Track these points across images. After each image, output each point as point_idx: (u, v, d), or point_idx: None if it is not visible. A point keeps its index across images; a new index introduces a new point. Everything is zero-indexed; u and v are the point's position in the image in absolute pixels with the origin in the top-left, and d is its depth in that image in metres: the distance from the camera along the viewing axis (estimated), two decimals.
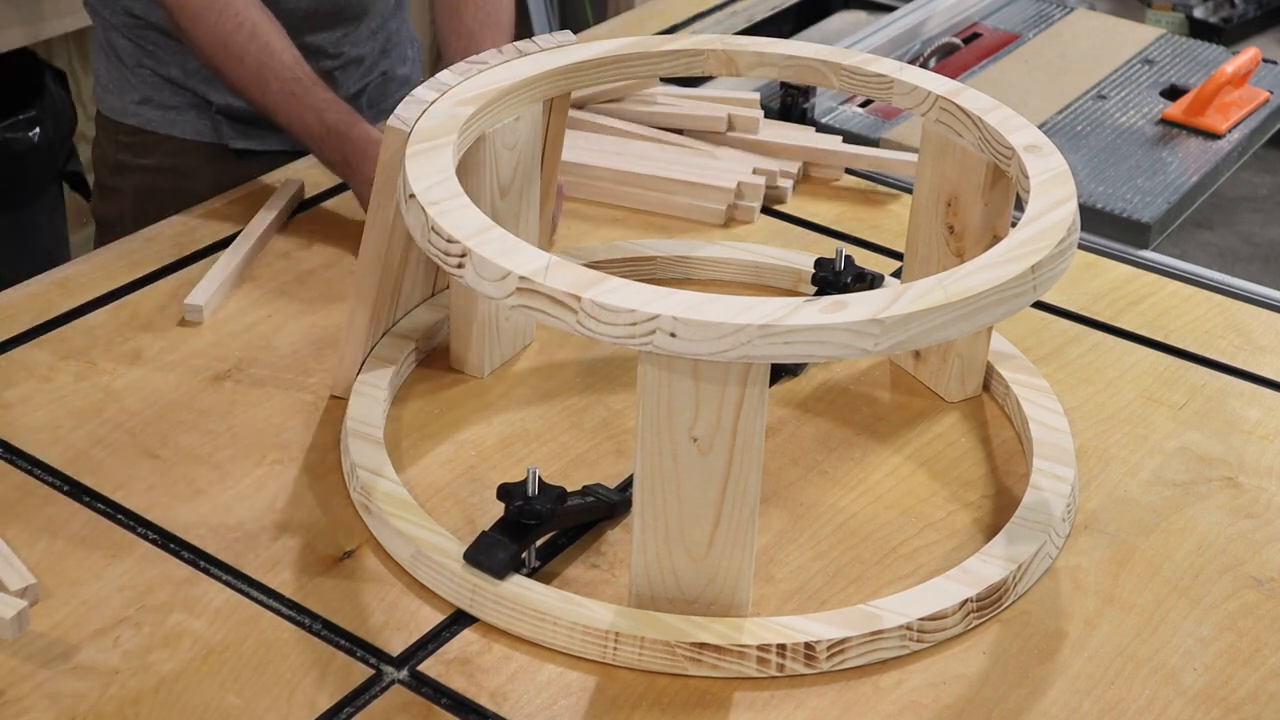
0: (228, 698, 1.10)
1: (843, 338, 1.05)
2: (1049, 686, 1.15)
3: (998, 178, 1.34)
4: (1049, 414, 1.38)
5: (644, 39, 1.45)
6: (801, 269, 1.57)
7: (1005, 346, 1.47)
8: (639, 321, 1.04)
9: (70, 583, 1.19)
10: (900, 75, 1.40)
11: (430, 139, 1.25)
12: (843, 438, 1.40)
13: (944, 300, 1.07)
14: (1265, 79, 2.18)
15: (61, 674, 1.11)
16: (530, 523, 1.19)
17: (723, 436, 1.09)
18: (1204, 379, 1.50)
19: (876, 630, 1.15)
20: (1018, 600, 1.22)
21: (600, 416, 1.41)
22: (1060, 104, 2.09)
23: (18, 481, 1.29)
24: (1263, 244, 3.66)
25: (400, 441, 1.36)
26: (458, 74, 1.35)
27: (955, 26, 2.32)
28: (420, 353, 1.46)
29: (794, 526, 1.29)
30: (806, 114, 2.00)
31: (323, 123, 1.58)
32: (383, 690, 1.12)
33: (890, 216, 1.74)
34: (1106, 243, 1.81)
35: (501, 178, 1.37)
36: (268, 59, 1.60)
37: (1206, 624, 1.21)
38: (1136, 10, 3.81)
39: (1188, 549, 1.28)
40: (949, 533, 1.29)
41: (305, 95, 1.59)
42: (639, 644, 1.14)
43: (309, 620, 1.17)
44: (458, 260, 1.12)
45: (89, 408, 1.37)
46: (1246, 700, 1.14)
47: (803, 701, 1.13)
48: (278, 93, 1.59)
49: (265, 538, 1.25)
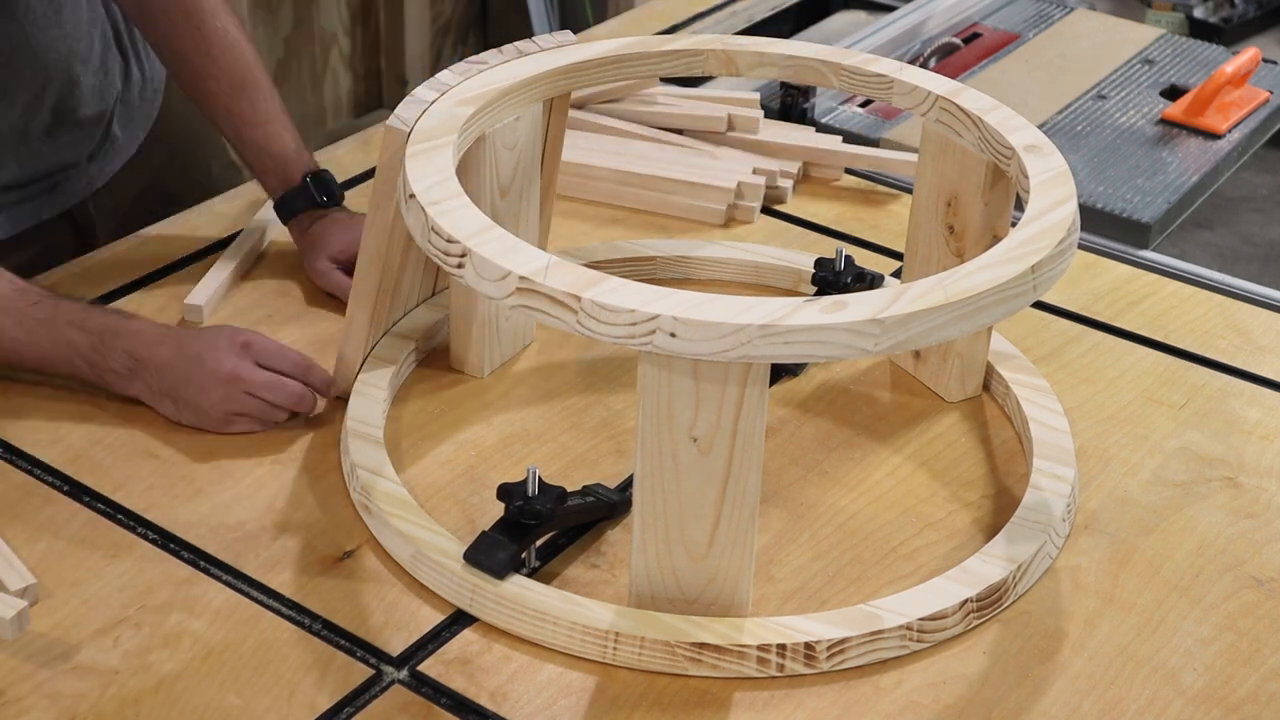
0: (228, 698, 1.10)
1: (843, 338, 1.05)
2: (1049, 686, 1.15)
3: (998, 178, 1.34)
4: (1049, 414, 1.38)
5: (644, 39, 1.45)
6: (801, 269, 1.57)
7: (1005, 346, 1.47)
8: (639, 321, 1.04)
9: (70, 583, 1.19)
10: (900, 75, 1.40)
11: (430, 139, 1.25)
12: (843, 438, 1.40)
13: (944, 300, 1.07)
14: (1265, 79, 2.18)
15: (61, 674, 1.11)
16: (530, 523, 1.19)
17: (723, 436, 1.09)
18: (1204, 379, 1.49)
19: (876, 630, 1.15)
20: (1018, 600, 1.22)
21: (600, 416, 1.41)
22: (1060, 104, 2.08)
23: (18, 481, 1.29)
24: (1263, 244, 3.66)
25: (400, 441, 1.36)
26: (458, 74, 1.35)
27: (955, 26, 2.32)
28: (420, 353, 1.46)
29: (794, 526, 1.29)
30: (806, 114, 2.00)
31: (86, 330, 1.33)
32: (383, 690, 1.12)
33: (890, 216, 1.74)
34: (1106, 243, 1.81)
35: (501, 178, 1.37)
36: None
37: (1206, 624, 1.21)
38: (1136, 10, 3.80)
39: (1188, 549, 1.28)
40: (949, 533, 1.29)
41: (54, 317, 1.33)
42: (639, 644, 1.14)
43: (309, 620, 1.17)
44: (458, 260, 1.12)
45: (89, 408, 1.37)
46: (1246, 700, 1.14)
47: (803, 701, 1.13)
48: (15, 329, 1.33)
49: (265, 538, 1.25)
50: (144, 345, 1.33)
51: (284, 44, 3.52)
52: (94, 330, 1.33)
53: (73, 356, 1.33)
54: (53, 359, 1.34)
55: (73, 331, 1.33)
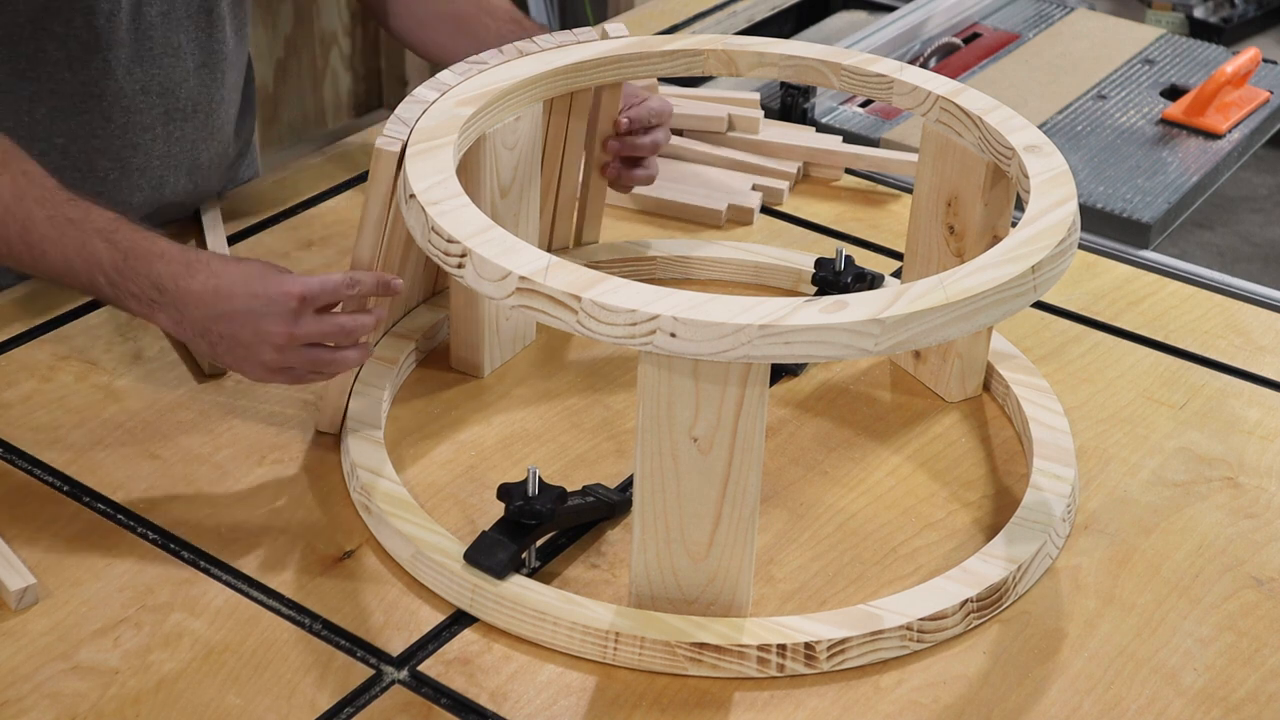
0: (228, 698, 1.10)
1: (843, 338, 1.05)
2: (1049, 686, 1.15)
3: (998, 178, 1.34)
4: (1049, 414, 1.38)
5: (644, 39, 1.45)
6: (801, 269, 1.56)
7: (1005, 346, 1.47)
8: (639, 321, 1.04)
9: (70, 583, 1.19)
10: (900, 75, 1.40)
11: (430, 139, 1.25)
12: (843, 438, 1.40)
13: (944, 300, 1.07)
14: (1265, 79, 2.18)
15: (61, 674, 1.11)
16: (530, 523, 1.19)
17: (723, 436, 1.09)
18: (1204, 379, 1.49)
19: (876, 630, 1.15)
20: (1018, 600, 1.22)
21: (600, 416, 1.41)
22: (1060, 104, 2.08)
23: (18, 481, 1.29)
24: (1263, 244, 3.66)
25: (400, 441, 1.36)
26: (458, 74, 1.35)
27: (955, 26, 2.32)
28: (420, 353, 1.46)
29: (794, 526, 1.29)
30: (806, 114, 2.00)
31: (114, 245, 1.25)
32: (383, 690, 1.12)
33: (890, 216, 1.74)
34: (1106, 243, 1.81)
35: (501, 178, 1.37)
36: (27, 186, 1.27)
37: (1206, 624, 1.21)
38: (1136, 10, 3.81)
39: (1188, 549, 1.28)
40: (949, 533, 1.29)
41: (85, 220, 1.26)
42: (639, 644, 1.14)
43: (309, 620, 1.17)
44: (458, 260, 1.12)
45: (89, 408, 1.37)
46: (1246, 700, 1.14)
47: (803, 701, 1.13)
48: (45, 223, 1.26)
49: (265, 538, 1.25)
50: (172, 276, 1.23)
51: (284, 44, 3.52)
52: (121, 246, 1.24)
53: (94, 270, 1.25)
54: (75, 266, 1.26)
55: (99, 242, 1.24)
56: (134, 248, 1.24)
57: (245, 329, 1.23)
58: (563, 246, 1.57)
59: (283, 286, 1.22)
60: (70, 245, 1.25)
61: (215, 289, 1.23)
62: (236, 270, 1.24)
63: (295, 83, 3.58)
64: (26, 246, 1.27)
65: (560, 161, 1.50)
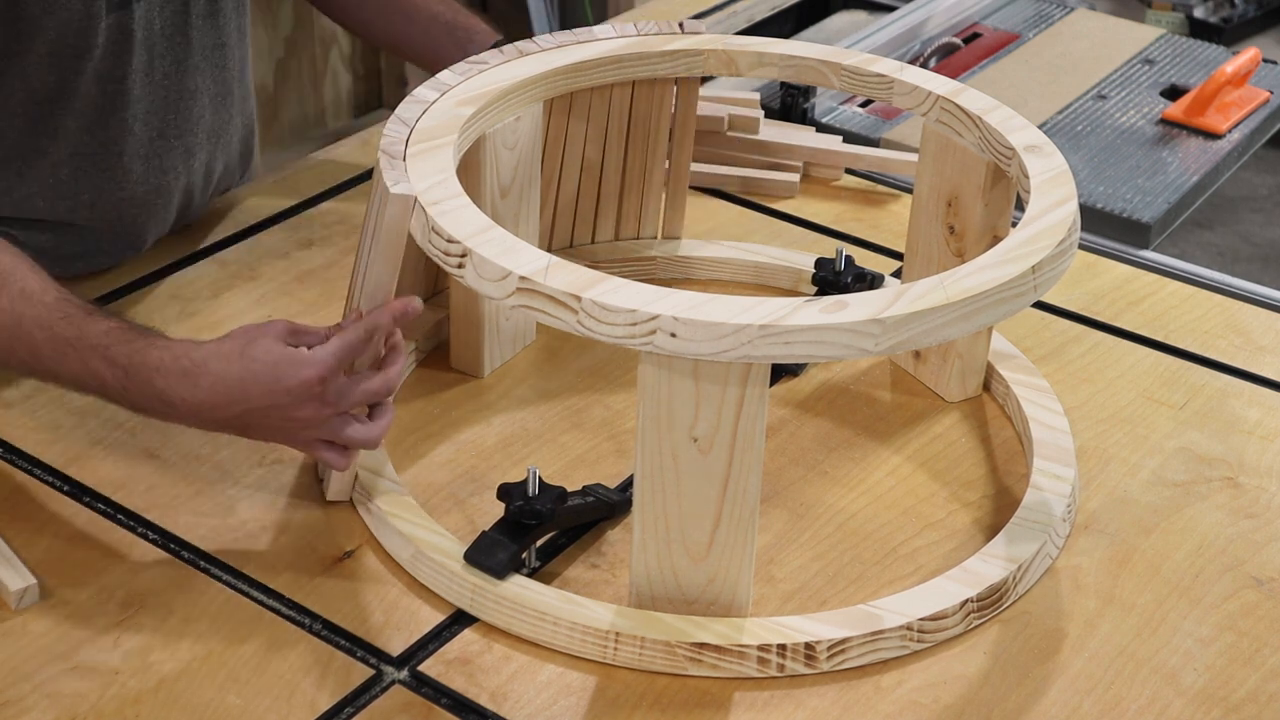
0: (228, 698, 1.10)
1: (843, 338, 1.05)
2: (1049, 686, 1.15)
3: (998, 178, 1.34)
4: (1049, 414, 1.38)
5: (644, 39, 1.45)
6: (801, 269, 1.57)
7: (1005, 346, 1.47)
8: (639, 322, 1.04)
9: (70, 583, 1.19)
10: (900, 75, 1.40)
11: (430, 139, 1.25)
12: (843, 438, 1.40)
13: (944, 300, 1.07)
14: (1265, 79, 2.18)
15: (61, 674, 1.11)
16: (530, 523, 1.19)
17: (723, 436, 1.09)
18: (1204, 379, 1.49)
19: (877, 630, 1.15)
20: (1018, 600, 1.22)
21: (600, 416, 1.41)
22: (1060, 104, 2.08)
23: (18, 481, 1.29)
24: (1263, 244, 3.66)
25: (400, 441, 1.36)
26: (458, 74, 1.36)
27: (955, 26, 2.32)
28: (420, 353, 1.46)
29: (794, 526, 1.29)
30: (806, 114, 2.00)
31: (112, 363, 1.19)
32: (383, 690, 1.12)
33: (890, 216, 1.74)
34: (1106, 243, 1.81)
35: (501, 178, 1.37)
36: (25, 307, 1.20)
37: (1206, 624, 1.21)
38: (1136, 10, 3.80)
39: (1188, 549, 1.28)
40: (949, 533, 1.29)
41: (80, 338, 1.19)
42: (639, 644, 1.14)
43: (309, 620, 1.17)
44: (458, 260, 1.12)
45: (89, 408, 1.37)
46: (1246, 700, 1.14)
47: (803, 701, 1.13)
48: (47, 345, 1.20)
49: (265, 538, 1.25)
50: (173, 390, 1.17)
51: (284, 44, 3.52)
52: (120, 363, 1.18)
53: (104, 389, 1.20)
54: (87, 385, 1.21)
55: (98, 361, 1.19)
56: (131, 363, 1.18)
57: (272, 418, 1.18)
58: (564, 246, 1.57)
59: (300, 376, 1.16)
60: (74, 367, 1.20)
61: (226, 394, 1.17)
62: (240, 369, 1.17)
63: (295, 83, 3.58)
64: (41, 369, 1.22)
65: (560, 161, 1.50)
